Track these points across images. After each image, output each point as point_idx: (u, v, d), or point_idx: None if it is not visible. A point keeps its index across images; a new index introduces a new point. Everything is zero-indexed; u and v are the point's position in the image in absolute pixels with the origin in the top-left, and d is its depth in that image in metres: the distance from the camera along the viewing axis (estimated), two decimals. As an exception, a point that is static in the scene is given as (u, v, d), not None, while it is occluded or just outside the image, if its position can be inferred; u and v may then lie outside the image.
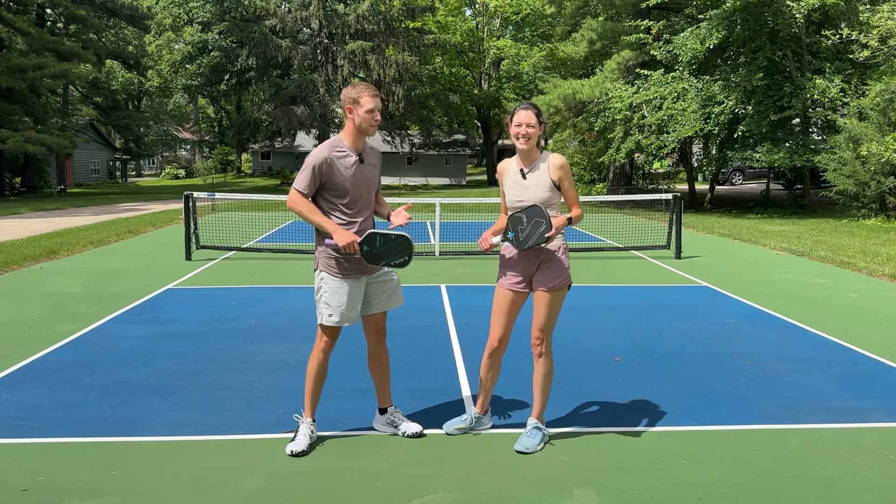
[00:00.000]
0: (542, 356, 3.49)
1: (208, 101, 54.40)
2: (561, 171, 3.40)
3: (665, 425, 3.83)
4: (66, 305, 6.96)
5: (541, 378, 3.52)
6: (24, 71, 27.39)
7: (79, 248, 11.33)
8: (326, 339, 3.48)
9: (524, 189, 3.42)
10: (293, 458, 3.37)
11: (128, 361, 5.01)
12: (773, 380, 4.63)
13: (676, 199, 10.79)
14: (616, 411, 4.05)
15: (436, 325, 6.16)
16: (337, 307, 3.41)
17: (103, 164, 47.44)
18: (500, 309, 3.52)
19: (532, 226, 3.29)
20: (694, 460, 3.38)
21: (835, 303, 7.20)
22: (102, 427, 3.77)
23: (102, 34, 39.14)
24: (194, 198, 10.67)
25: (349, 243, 3.26)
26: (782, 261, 10.28)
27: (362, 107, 3.33)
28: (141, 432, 3.70)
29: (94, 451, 3.47)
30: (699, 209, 21.14)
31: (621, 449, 3.51)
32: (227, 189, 35.23)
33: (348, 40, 33.74)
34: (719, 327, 6.12)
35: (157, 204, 24.90)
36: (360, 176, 3.41)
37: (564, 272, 3.44)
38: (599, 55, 24.28)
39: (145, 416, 3.95)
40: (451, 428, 3.69)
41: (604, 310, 6.82)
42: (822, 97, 16.45)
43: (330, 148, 3.37)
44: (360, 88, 3.35)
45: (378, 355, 3.67)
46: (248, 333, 5.84)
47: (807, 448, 3.53)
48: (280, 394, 4.31)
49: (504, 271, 3.54)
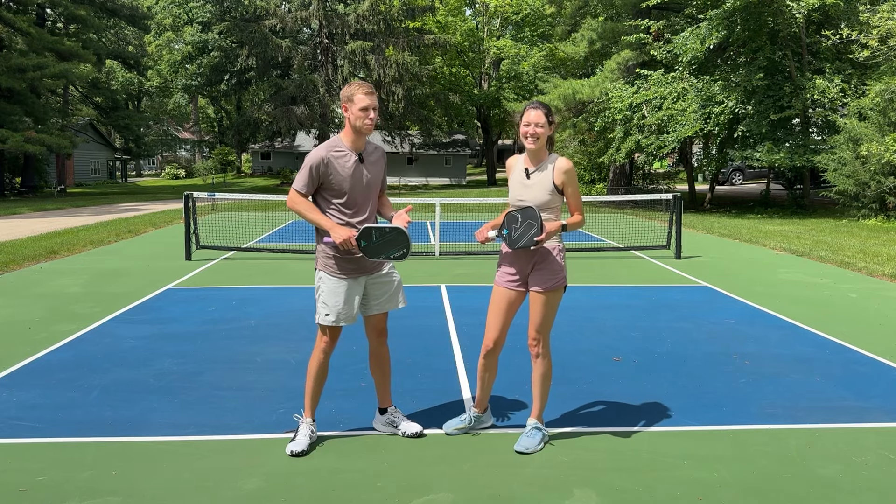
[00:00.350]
0: (539, 357, 3.49)
1: (208, 101, 54.47)
2: (566, 175, 3.39)
3: (665, 425, 3.83)
4: (66, 305, 6.96)
5: (539, 378, 3.52)
6: (24, 71, 27.40)
7: (79, 248, 11.33)
8: (327, 339, 3.48)
9: (526, 188, 3.42)
10: (293, 458, 3.37)
11: (128, 361, 5.01)
12: (772, 380, 4.63)
13: (676, 199, 10.80)
14: (616, 411, 4.05)
15: (436, 325, 6.16)
16: (334, 306, 3.42)
17: (103, 164, 47.46)
18: (497, 307, 3.53)
19: (525, 227, 3.30)
20: (694, 460, 3.38)
21: (835, 303, 7.20)
22: (102, 427, 3.78)
23: (102, 34, 39.13)
24: (194, 198, 10.67)
25: (346, 240, 3.25)
26: (782, 261, 10.28)
27: (356, 104, 3.32)
28: (141, 432, 3.70)
29: (94, 451, 3.48)
30: (699, 209, 21.15)
31: (621, 449, 3.51)
32: (227, 189, 35.24)
33: (348, 40, 33.75)
34: (719, 327, 6.12)
35: (157, 204, 24.90)
36: (359, 176, 3.40)
37: (559, 273, 3.44)
38: (599, 55, 24.29)
39: (145, 416, 3.95)
40: (451, 428, 3.69)
41: (604, 310, 6.82)
42: (822, 97, 16.45)
43: (328, 148, 3.37)
44: (355, 87, 3.34)
45: (379, 356, 3.67)
46: (249, 333, 5.84)
47: (807, 448, 3.53)
48: (280, 394, 4.31)
49: (501, 269, 3.54)
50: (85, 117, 43.23)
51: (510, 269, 3.49)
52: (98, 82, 38.09)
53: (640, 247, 11.32)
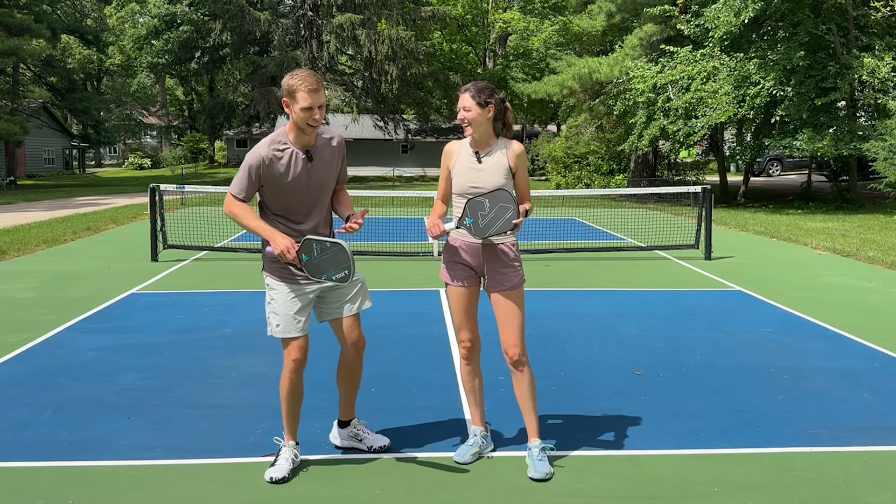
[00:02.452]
0: (522, 365, 3.52)
1: (177, 81, 54.48)
2: (519, 159, 3.50)
3: (693, 448, 3.84)
4: (15, 313, 6.96)
5: (527, 391, 3.55)
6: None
7: (31, 248, 11.34)
8: (294, 354, 3.41)
9: (479, 172, 3.48)
10: (273, 485, 3.38)
11: (86, 376, 5.01)
12: (815, 396, 4.64)
13: (706, 193, 10.80)
14: (638, 432, 4.05)
15: (434, 335, 6.17)
16: (284, 315, 3.38)
17: (58, 153, 47.49)
18: (459, 308, 3.59)
19: (497, 211, 3.33)
20: (726, 487, 3.39)
21: (885, 310, 7.21)
22: (57, 450, 3.78)
23: (57, 5, 39.16)
24: (161, 191, 10.68)
25: (285, 250, 3.18)
26: (826, 262, 10.29)
27: (297, 103, 3.21)
28: (101, 456, 3.70)
29: (47, 476, 3.48)
30: (731, 204, 21.17)
31: (644, 475, 3.52)
32: (199, 181, 35.27)
33: (335, 13, 33.72)
34: (754, 337, 6.12)
35: (119, 198, 24.92)
36: (306, 177, 3.35)
37: (517, 269, 3.52)
38: (619, 29, 24.28)
39: (106, 437, 3.95)
40: (466, 456, 3.62)
41: (624, 317, 6.83)
42: (872, 77, 16.43)
43: (270, 146, 3.30)
44: (298, 80, 3.20)
45: (353, 368, 3.65)
46: (223, 344, 5.85)
47: (854, 474, 3.53)
48: (258, 412, 4.31)
49: (451, 266, 3.58)
50: (38, 99, 43.16)
51: (462, 264, 3.55)
52: (52, 60, 38.08)
53: (664, 246, 11.33)
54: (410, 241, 11.96)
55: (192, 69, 44.91)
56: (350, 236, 3.63)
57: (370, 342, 5.81)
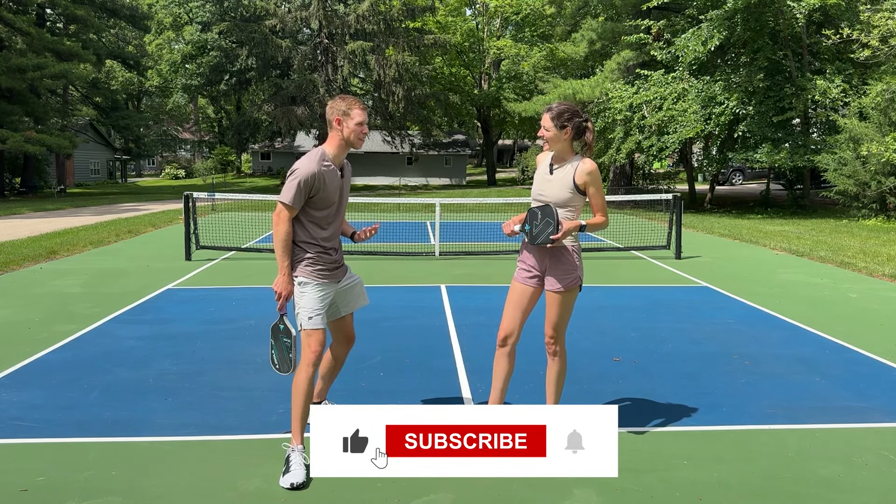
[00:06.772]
0: (555, 355, 3.53)
1: (208, 101, 54.44)
2: (588, 177, 3.40)
3: (665, 426, 3.84)
4: (65, 306, 6.96)
5: (555, 377, 3.56)
6: (23, 71, 27.39)
7: (79, 249, 11.34)
8: (315, 347, 3.34)
9: (547, 184, 3.47)
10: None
11: (128, 361, 5.01)
12: (773, 380, 4.64)
13: (676, 200, 10.80)
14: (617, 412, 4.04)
15: (436, 325, 6.16)
16: (320, 309, 3.38)
17: (103, 165, 47.46)
18: (510, 301, 3.56)
19: (543, 224, 3.34)
20: (694, 461, 3.39)
21: (835, 303, 7.21)
22: (102, 427, 3.78)
23: (102, 34, 39.14)
24: (194, 198, 10.68)
25: (281, 290, 3.36)
26: (782, 261, 10.29)
27: (353, 119, 3.31)
28: (141, 432, 3.71)
29: (94, 451, 3.48)
30: (699, 209, 21.15)
31: (621, 449, 3.50)
32: (227, 189, 35.24)
33: (348, 40, 33.71)
34: (719, 327, 6.12)
35: (156, 204, 24.90)
36: (340, 191, 3.43)
37: (574, 273, 3.46)
38: (599, 55, 24.28)
39: (145, 416, 3.95)
40: None
41: (604, 310, 6.83)
42: (824, 98, 16.44)
43: (319, 161, 3.31)
44: (351, 101, 3.34)
45: (341, 360, 3.70)
46: (248, 334, 5.85)
47: (807, 448, 3.53)
48: (279, 394, 4.31)
49: (519, 264, 3.58)
50: (85, 117, 43.22)
51: (528, 265, 3.53)
52: (98, 82, 38.11)
53: (640, 247, 11.32)
54: (414, 242, 11.96)
55: (221, 90, 44.91)
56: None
57: (378, 332, 5.83)
